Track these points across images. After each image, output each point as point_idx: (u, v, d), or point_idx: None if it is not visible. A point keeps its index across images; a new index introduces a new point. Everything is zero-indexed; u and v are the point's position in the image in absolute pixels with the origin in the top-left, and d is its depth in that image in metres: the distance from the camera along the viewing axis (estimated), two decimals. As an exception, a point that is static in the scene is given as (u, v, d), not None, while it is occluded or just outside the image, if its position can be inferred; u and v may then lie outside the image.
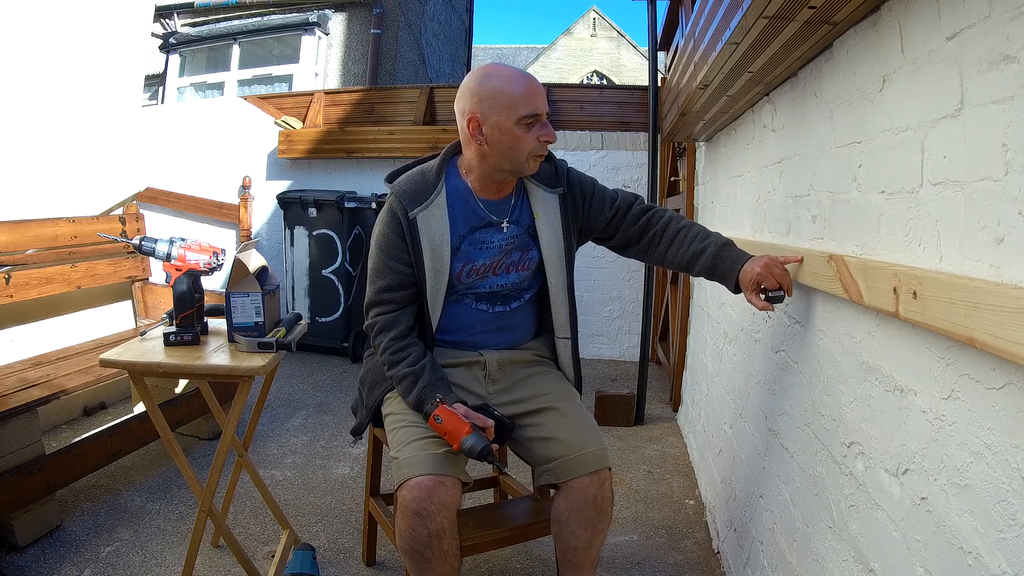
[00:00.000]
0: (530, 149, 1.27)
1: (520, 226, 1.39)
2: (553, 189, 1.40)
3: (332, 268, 3.92)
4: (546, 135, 1.28)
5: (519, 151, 1.27)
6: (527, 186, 1.40)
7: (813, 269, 1.18)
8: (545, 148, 1.30)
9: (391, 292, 1.35)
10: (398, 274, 1.34)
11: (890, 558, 0.87)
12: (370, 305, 1.38)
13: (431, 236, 1.31)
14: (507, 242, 1.38)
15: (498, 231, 1.37)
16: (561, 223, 1.39)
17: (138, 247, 1.57)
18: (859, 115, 1.06)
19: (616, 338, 4.23)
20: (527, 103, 1.25)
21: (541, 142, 1.28)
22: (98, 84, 3.21)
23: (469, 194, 1.36)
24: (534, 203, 1.39)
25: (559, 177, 1.41)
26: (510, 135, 1.26)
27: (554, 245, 1.39)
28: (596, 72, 18.44)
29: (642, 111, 4.02)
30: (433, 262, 1.32)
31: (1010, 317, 0.60)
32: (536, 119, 1.26)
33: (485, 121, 1.26)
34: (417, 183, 1.34)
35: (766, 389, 1.55)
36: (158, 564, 1.73)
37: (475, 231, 1.36)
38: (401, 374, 1.31)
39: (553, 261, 1.39)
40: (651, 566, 1.81)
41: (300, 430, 2.77)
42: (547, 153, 1.33)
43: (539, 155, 1.30)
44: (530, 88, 1.26)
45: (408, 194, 1.33)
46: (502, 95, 1.24)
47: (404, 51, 6.60)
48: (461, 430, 1.20)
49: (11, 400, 1.84)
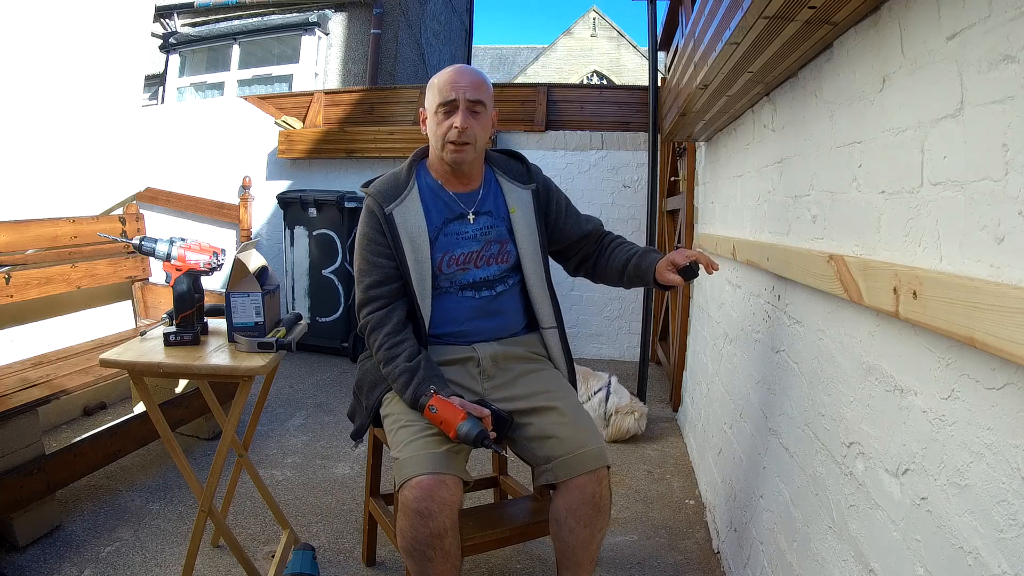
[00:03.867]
0: (443, 135, 1.35)
1: (494, 218, 1.45)
2: (525, 185, 1.48)
3: (332, 268, 3.92)
4: (455, 121, 1.33)
5: (438, 138, 1.37)
6: (501, 182, 1.48)
7: (813, 269, 1.18)
8: (456, 135, 1.34)
9: (378, 287, 1.38)
10: (382, 268, 1.38)
11: (890, 558, 0.87)
12: (361, 305, 1.41)
13: (408, 229, 1.37)
14: (482, 232, 1.43)
15: (471, 222, 1.43)
16: (535, 218, 1.47)
17: (138, 247, 1.57)
18: (859, 115, 1.06)
19: (616, 338, 4.23)
20: (442, 92, 1.34)
21: (452, 128, 1.34)
22: (98, 84, 3.21)
23: (439, 188, 1.44)
24: (509, 199, 1.47)
25: (531, 175, 1.50)
26: (433, 123, 1.38)
27: (528, 239, 1.46)
28: (596, 72, 18.43)
29: (642, 111, 4.02)
30: (414, 254, 1.37)
31: (1010, 317, 0.60)
32: (451, 106, 1.34)
33: (427, 114, 1.40)
34: (390, 183, 1.42)
35: (766, 389, 1.55)
36: (158, 564, 1.73)
37: (449, 223, 1.42)
38: (397, 370, 1.32)
39: (528, 254, 1.46)
40: (651, 566, 1.81)
41: (300, 430, 2.77)
42: (461, 143, 1.35)
43: (452, 142, 1.35)
44: (450, 78, 1.35)
45: (382, 193, 1.40)
46: (431, 88, 1.38)
47: (404, 51, 6.60)
48: (456, 417, 1.20)
49: (11, 400, 1.84)
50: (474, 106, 1.35)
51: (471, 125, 1.34)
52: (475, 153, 1.39)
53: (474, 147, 1.37)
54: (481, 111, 1.37)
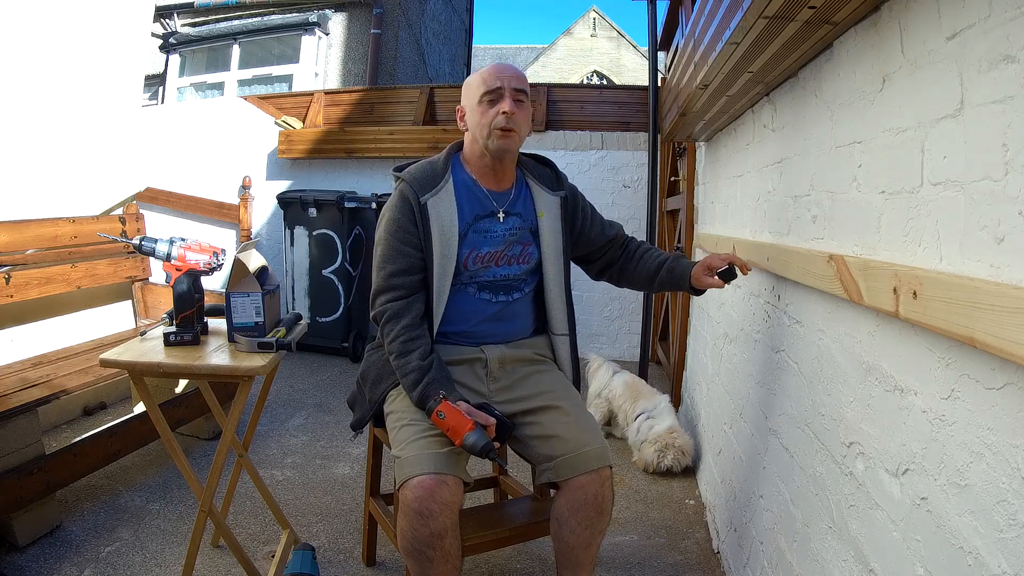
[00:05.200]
0: (491, 123, 1.35)
1: (522, 220, 1.44)
2: (555, 192, 1.48)
3: (332, 268, 3.92)
4: (503, 107, 1.34)
5: (483, 127, 1.36)
6: (531, 186, 1.47)
7: (813, 269, 1.18)
8: (504, 120, 1.34)
9: (401, 276, 1.36)
10: (409, 258, 1.36)
11: (890, 558, 0.87)
12: (379, 292, 1.38)
13: (440, 222, 1.36)
14: (510, 232, 1.42)
15: (500, 221, 1.42)
16: (561, 225, 1.47)
17: (138, 247, 1.57)
18: (859, 115, 1.06)
19: (616, 338, 4.23)
20: (487, 82, 1.36)
21: (500, 114, 1.34)
22: (98, 84, 3.21)
23: (473, 184, 1.42)
24: (538, 203, 1.46)
25: (560, 182, 1.51)
26: (477, 114, 1.37)
27: (553, 244, 1.45)
28: (596, 72, 18.42)
29: (642, 111, 4.02)
30: (442, 248, 1.35)
31: (1010, 317, 0.60)
32: (496, 94, 1.35)
33: (466, 109, 1.41)
34: (426, 172, 1.40)
35: (766, 389, 1.55)
36: (158, 564, 1.73)
37: (480, 219, 1.41)
38: (409, 367, 1.31)
39: (551, 259, 1.45)
40: (651, 566, 1.81)
41: (300, 430, 2.77)
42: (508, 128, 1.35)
43: (501, 128, 1.35)
44: (494, 70, 1.37)
45: (419, 181, 1.38)
46: (473, 83, 1.39)
47: (404, 51, 6.60)
48: (464, 426, 1.20)
49: (11, 400, 1.84)
50: (518, 95, 1.36)
51: (517, 112, 1.35)
52: (519, 142, 1.39)
53: (519, 136, 1.37)
54: (524, 101, 1.37)
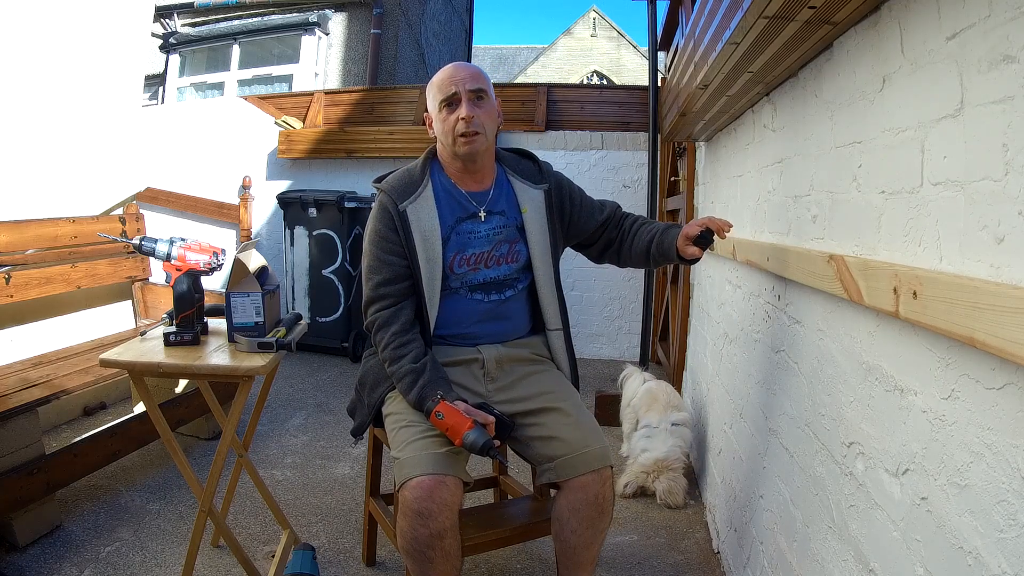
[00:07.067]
0: (451, 130, 1.35)
1: (506, 218, 1.43)
2: (538, 185, 1.47)
3: (332, 268, 3.92)
4: (460, 113, 1.33)
5: (447, 134, 1.36)
6: (512, 182, 1.46)
7: (813, 269, 1.18)
8: (464, 125, 1.33)
9: (388, 286, 1.37)
10: (393, 267, 1.37)
11: (890, 558, 0.87)
12: (369, 303, 1.40)
13: (421, 227, 1.36)
14: (494, 232, 1.42)
15: (482, 221, 1.42)
16: (547, 219, 1.46)
17: (138, 247, 1.57)
18: (859, 115, 1.06)
19: (616, 338, 4.23)
20: (442, 89, 1.35)
21: (460, 120, 1.33)
22: (98, 84, 3.21)
23: (452, 186, 1.42)
24: (521, 199, 1.45)
25: (543, 174, 1.49)
26: (439, 121, 1.37)
27: (540, 240, 1.45)
28: (596, 72, 18.42)
29: (642, 111, 4.02)
30: (426, 252, 1.36)
31: (1010, 317, 0.60)
32: (453, 99, 1.34)
33: (432, 116, 1.40)
34: (404, 179, 1.41)
35: (766, 389, 1.55)
36: (158, 564, 1.73)
37: (461, 221, 1.41)
38: (403, 371, 1.31)
39: (539, 255, 1.45)
40: (651, 566, 1.81)
41: (300, 430, 2.77)
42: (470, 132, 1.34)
43: (462, 134, 1.34)
44: (447, 74, 1.35)
45: (396, 189, 1.39)
46: (431, 89, 1.38)
47: (404, 51, 6.59)
48: (463, 425, 1.20)
49: (11, 400, 1.84)
50: (476, 95, 1.35)
51: (476, 114, 1.34)
52: (487, 143, 1.38)
53: (484, 136, 1.36)
54: (484, 98, 1.36)
